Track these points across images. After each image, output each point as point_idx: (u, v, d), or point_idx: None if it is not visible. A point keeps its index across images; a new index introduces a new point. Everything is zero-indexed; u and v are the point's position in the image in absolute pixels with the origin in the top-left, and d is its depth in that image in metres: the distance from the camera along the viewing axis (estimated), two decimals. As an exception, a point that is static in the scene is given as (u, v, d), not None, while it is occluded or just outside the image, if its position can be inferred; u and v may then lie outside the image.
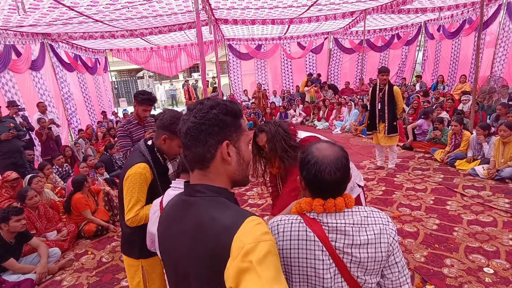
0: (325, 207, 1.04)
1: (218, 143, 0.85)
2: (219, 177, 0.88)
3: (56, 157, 5.68)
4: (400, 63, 13.29)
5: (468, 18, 9.85)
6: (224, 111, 0.86)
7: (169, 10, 6.59)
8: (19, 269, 3.14)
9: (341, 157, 1.04)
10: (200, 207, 0.83)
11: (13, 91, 6.76)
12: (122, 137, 3.14)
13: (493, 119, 6.16)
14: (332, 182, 1.02)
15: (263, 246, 0.72)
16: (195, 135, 0.84)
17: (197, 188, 0.86)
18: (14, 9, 4.59)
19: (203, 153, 0.85)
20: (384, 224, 1.06)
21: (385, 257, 1.04)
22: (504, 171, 4.53)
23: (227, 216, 0.79)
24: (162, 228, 0.96)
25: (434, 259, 2.93)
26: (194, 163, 0.88)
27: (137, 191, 1.79)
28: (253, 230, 0.75)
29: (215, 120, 0.84)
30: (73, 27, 7.30)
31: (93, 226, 4.01)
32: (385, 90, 4.93)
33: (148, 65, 12.84)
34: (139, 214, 1.80)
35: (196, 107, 0.87)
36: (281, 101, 12.29)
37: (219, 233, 0.76)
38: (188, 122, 0.85)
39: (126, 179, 1.80)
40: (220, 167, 0.87)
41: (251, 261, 0.70)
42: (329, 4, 7.44)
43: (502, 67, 8.74)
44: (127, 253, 1.99)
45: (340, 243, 1.02)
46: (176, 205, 0.92)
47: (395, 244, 1.06)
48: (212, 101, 0.87)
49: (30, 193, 3.66)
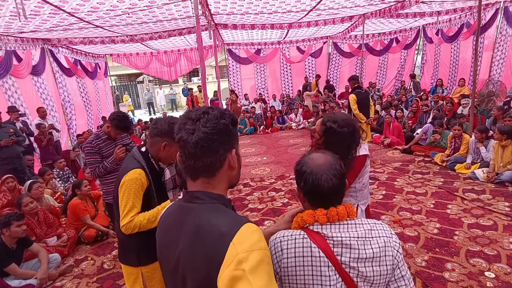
0: (328, 216, 1.04)
1: (227, 152, 0.88)
2: (221, 184, 0.91)
3: (58, 160, 5.68)
4: (399, 67, 13.36)
5: (466, 22, 9.92)
6: (231, 121, 0.89)
7: (169, 16, 6.63)
8: (21, 274, 3.14)
9: (335, 164, 1.06)
10: (199, 212, 0.85)
11: (16, 96, 6.80)
12: (90, 154, 3.04)
13: (491, 122, 6.18)
14: (330, 189, 1.04)
15: (256, 255, 0.74)
16: (208, 146, 0.85)
17: (197, 195, 0.88)
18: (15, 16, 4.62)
19: (214, 163, 0.87)
20: (388, 237, 1.05)
21: (390, 271, 1.03)
22: (503, 175, 4.53)
23: (224, 223, 0.81)
24: (161, 233, 0.97)
25: (435, 263, 2.93)
26: (201, 172, 0.89)
27: (133, 197, 1.77)
28: (248, 238, 0.77)
29: (225, 130, 0.87)
30: (74, 33, 7.33)
31: (93, 232, 4.01)
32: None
33: (148, 70, 12.87)
34: (134, 221, 1.76)
35: (203, 117, 0.87)
36: (281, 105, 12.32)
37: (216, 239, 0.78)
38: (199, 132, 0.85)
39: (122, 185, 1.78)
40: (224, 174, 0.90)
41: (244, 269, 0.71)
42: (328, 9, 7.49)
43: (501, 70, 8.80)
44: (126, 262, 1.97)
45: (346, 257, 1.01)
46: (175, 211, 0.94)
47: (399, 257, 1.05)
48: (217, 111, 0.89)
49: (24, 200, 3.63)
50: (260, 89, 13.62)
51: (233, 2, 6.21)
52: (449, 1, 7.72)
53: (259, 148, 8.35)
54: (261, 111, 11.46)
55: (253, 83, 13.68)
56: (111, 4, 5.16)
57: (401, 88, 11.84)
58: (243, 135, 10.24)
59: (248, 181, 5.76)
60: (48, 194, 4.63)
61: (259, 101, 12.42)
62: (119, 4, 5.25)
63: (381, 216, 3.94)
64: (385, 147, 7.24)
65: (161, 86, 20.88)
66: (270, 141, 9.08)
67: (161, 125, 1.82)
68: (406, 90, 11.55)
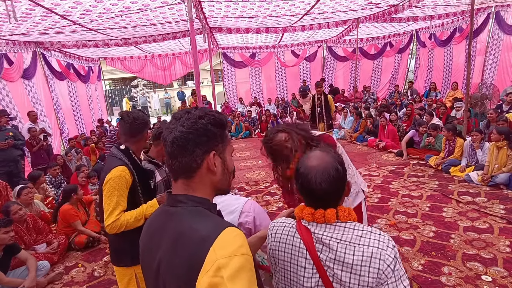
0: (314, 216, 1.02)
1: (205, 153, 0.85)
2: (203, 186, 0.88)
3: (52, 167, 5.55)
4: (393, 71, 13.46)
5: (458, 26, 10.05)
6: (212, 122, 0.86)
7: (163, 19, 6.60)
8: (7, 283, 3.03)
9: (330, 168, 1.00)
10: (181, 217, 0.83)
11: (7, 100, 6.68)
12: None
13: (485, 125, 6.22)
14: (319, 193, 1.00)
15: (236, 261, 0.71)
16: (182, 145, 0.83)
17: (179, 198, 0.86)
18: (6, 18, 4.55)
19: (189, 163, 0.85)
20: (379, 248, 0.95)
21: (372, 285, 0.94)
22: (498, 177, 4.54)
23: (205, 227, 0.78)
24: (144, 238, 0.94)
25: (432, 267, 2.90)
26: (179, 172, 0.87)
27: (117, 194, 1.75)
28: (230, 242, 0.74)
29: (203, 130, 0.84)
30: (66, 36, 7.26)
31: (83, 238, 3.92)
32: (322, 99, 6.54)
33: (142, 74, 12.82)
34: (120, 219, 1.74)
35: (184, 116, 0.85)
36: (276, 109, 12.32)
37: (196, 243, 0.75)
38: (175, 131, 0.84)
39: (106, 183, 1.76)
40: (205, 177, 0.87)
41: (222, 276, 0.68)
42: (322, 13, 7.53)
43: (494, 74, 8.90)
44: (119, 263, 1.93)
45: (324, 255, 0.99)
46: (159, 216, 0.91)
47: (390, 274, 0.93)
48: (200, 111, 0.87)
49: (13, 208, 3.50)
50: (255, 92, 13.62)
51: (228, 6, 6.20)
52: (441, 5, 7.80)
53: (254, 151, 8.30)
54: (256, 115, 11.44)
55: (248, 87, 13.68)
56: (104, 7, 5.11)
57: (395, 92, 11.92)
58: (238, 139, 10.19)
59: (243, 185, 5.70)
60: (38, 200, 4.53)
61: (254, 105, 12.41)
62: (112, 7, 5.20)
63: (376, 220, 3.91)
64: (380, 150, 7.24)
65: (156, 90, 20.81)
66: (265, 144, 9.03)
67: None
68: (400, 94, 11.62)
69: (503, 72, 8.77)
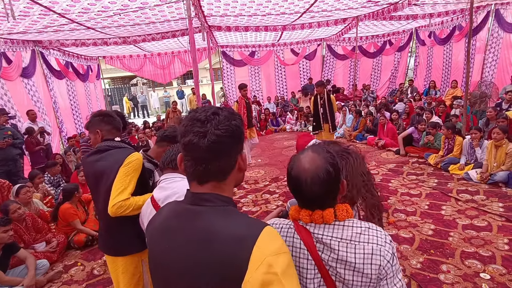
0: (312, 218, 1.00)
1: (238, 154, 0.86)
2: (229, 186, 0.88)
3: (51, 166, 5.53)
4: (392, 69, 13.44)
5: (458, 24, 10.02)
6: (241, 122, 0.86)
7: (162, 17, 6.57)
8: (7, 281, 3.03)
9: (320, 171, 0.96)
10: (211, 216, 0.81)
11: (5, 99, 6.66)
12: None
13: (484, 123, 6.22)
14: (311, 196, 0.98)
15: (284, 258, 0.74)
16: (221, 149, 0.81)
17: (205, 197, 0.83)
18: (4, 17, 4.53)
19: (226, 166, 0.84)
20: (378, 245, 0.96)
21: (374, 280, 0.96)
22: (497, 175, 4.54)
23: (243, 226, 0.79)
24: (157, 239, 0.89)
25: (430, 265, 2.90)
26: (212, 176, 0.84)
27: (133, 176, 1.81)
28: (272, 241, 0.76)
29: (237, 132, 0.84)
30: (65, 34, 7.24)
31: (83, 236, 3.92)
32: (324, 99, 6.22)
33: (141, 72, 12.77)
34: (130, 200, 1.76)
35: (214, 119, 0.81)
36: (275, 108, 12.31)
37: (236, 242, 0.75)
38: (211, 135, 0.80)
39: (126, 165, 1.80)
40: (234, 177, 0.88)
41: (275, 273, 0.71)
42: (322, 11, 7.51)
43: (493, 72, 8.89)
44: (126, 252, 1.93)
45: (326, 255, 0.98)
46: (179, 215, 0.87)
47: (389, 269, 0.96)
48: (227, 112, 0.85)
49: (12, 207, 3.49)
50: (255, 91, 13.59)
51: (227, 4, 6.18)
52: (441, 3, 7.78)
53: (254, 150, 8.29)
54: (256, 113, 11.44)
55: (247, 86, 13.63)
56: (102, 5, 5.09)
57: (398, 90, 11.89)
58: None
59: (242, 183, 5.70)
60: (37, 198, 4.52)
61: (253, 103, 12.38)
62: (111, 5, 5.18)
63: (375, 218, 3.90)
64: (379, 148, 7.24)
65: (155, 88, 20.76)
66: (264, 143, 9.04)
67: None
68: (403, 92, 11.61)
69: (503, 70, 8.76)
